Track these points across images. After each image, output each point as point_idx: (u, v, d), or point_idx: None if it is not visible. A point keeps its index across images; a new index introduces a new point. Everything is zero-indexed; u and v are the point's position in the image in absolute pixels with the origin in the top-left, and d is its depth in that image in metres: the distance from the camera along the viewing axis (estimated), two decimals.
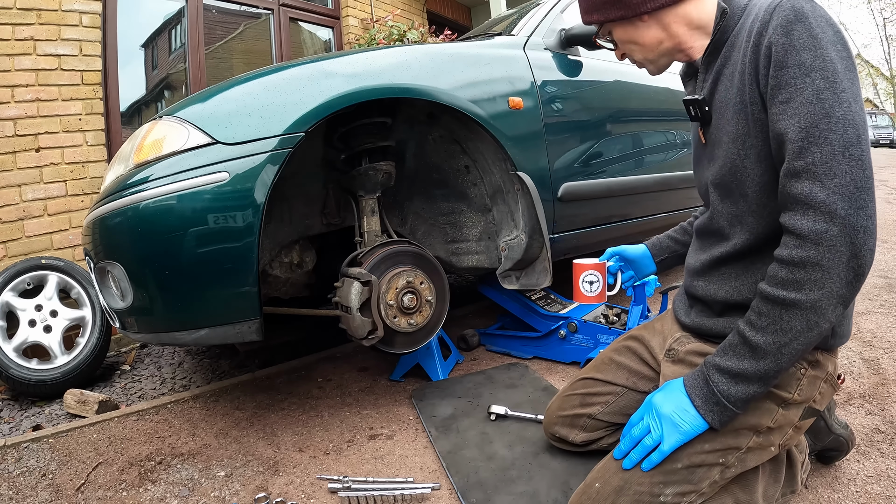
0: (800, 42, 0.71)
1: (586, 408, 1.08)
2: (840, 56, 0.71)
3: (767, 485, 0.85)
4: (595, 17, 0.96)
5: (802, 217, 0.69)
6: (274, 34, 3.96)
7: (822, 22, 0.72)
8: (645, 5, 0.90)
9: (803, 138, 0.69)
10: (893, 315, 1.89)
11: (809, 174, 0.68)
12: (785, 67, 0.72)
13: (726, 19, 0.86)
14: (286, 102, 1.24)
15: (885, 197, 4.84)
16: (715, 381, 0.76)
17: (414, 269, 1.43)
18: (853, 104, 0.69)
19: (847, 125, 0.68)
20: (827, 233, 0.66)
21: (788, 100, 0.71)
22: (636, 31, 0.93)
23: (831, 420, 1.04)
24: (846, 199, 0.66)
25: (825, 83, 0.69)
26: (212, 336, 1.22)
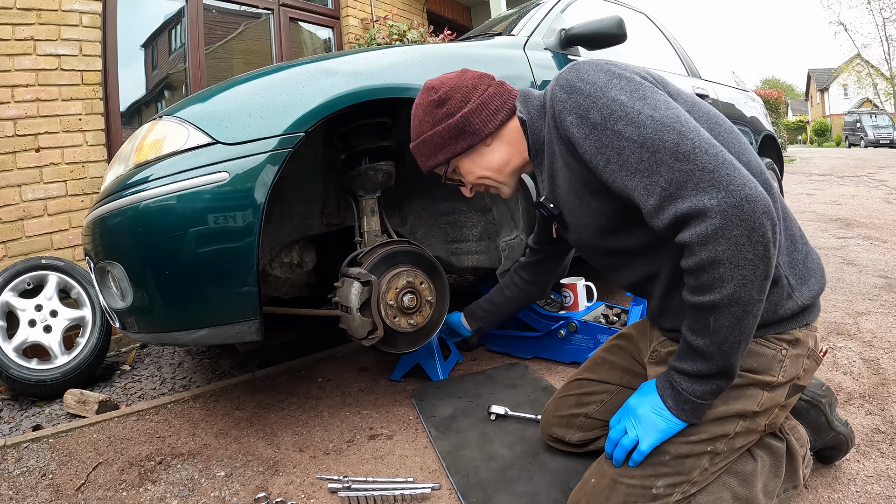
0: (581, 108, 0.77)
1: (582, 407, 1.09)
2: (621, 88, 0.75)
3: (768, 479, 0.85)
4: (440, 158, 0.98)
5: (685, 231, 0.69)
6: (274, 34, 3.96)
7: (591, 74, 0.78)
8: (487, 126, 0.95)
9: (641, 178, 0.72)
10: (893, 315, 1.89)
11: (668, 200, 0.70)
12: (587, 138, 0.77)
13: (527, 126, 0.93)
14: (286, 102, 1.24)
15: (884, 197, 4.85)
16: (679, 383, 0.79)
17: (414, 269, 1.43)
18: (654, 113, 0.72)
19: (661, 135, 0.70)
20: (708, 229, 0.66)
21: (608, 161, 0.75)
22: (483, 158, 0.97)
23: (832, 417, 1.04)
24: (709, 189, 0.66)
25: (623, 123, 0.73)
26: (212, 336, 1.22)
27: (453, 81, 0.97)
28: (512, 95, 0.98)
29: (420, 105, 1.00)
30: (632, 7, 2.71)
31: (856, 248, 2.92)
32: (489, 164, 0.98)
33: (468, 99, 0.95)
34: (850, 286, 2.24)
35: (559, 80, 0.81)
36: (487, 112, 0.95)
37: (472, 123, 0.95)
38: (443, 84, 0.98)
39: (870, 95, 26.92)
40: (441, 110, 0.96)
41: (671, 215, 0.69)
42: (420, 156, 1.01)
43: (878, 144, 19.30)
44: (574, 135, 0.78)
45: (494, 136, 0.96)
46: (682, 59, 2.86)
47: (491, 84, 0.99)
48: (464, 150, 0.96)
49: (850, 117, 22.24)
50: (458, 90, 0.96)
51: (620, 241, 0.87)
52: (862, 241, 3.08)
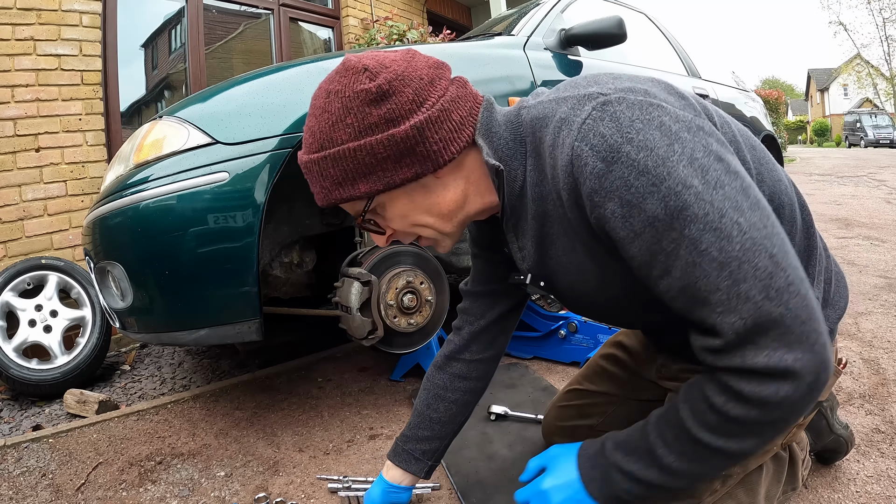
0: (633, 193, 0.53)
1: (585, 419, 1.06)
2: (690, 160, 0.53)
3: (770, 485, 0.85)
4: (362, 188, 0.63)
5: (749, 381, 0.52)
6: (274, 34, 3.96)
7: (643, 131, 0.53)
8: (448, 148, 0.63)
9: (711, 313, 0.53)
10: (893, 315, 1.89)
11: (739, 345, 0.52)
12: (637, 237, 0.54)
13: (504, 176, 0.67)
14: (286, 102, 1.24)
15: (884, 197, 4.85)
16: (616, 481, 0.64)
17: (414, 269, 1.43)
18: (740, 218, 0.51)
19: (751, 259, 0.51)
20: (779, 394, 0.51)
21: (667, 272, 0.54)
22: (429, 197, 0.66)
23: (833, 420, 1.04)
24: (794, 346, 0.50)
25: (698, 227, 0.51)
26: (212, 336, 1.22)
27: (399, 66, 0.63)
28: (477, 103, 0.68)
29: (337, 94, 0.62)
30: (632, 7, 2.71)
31: (856, 248, 2.92)
32: (436, 205, 0.67)
33: (423, 99, 0.62)
34: (850, 286, 2.23)
35: (589, 135, 0.55)
36: (450, 125, 0.64)
37: (428, 141, 0.62)
38: (382, 66, 0.62)
39: (870, 95, 26.93)
40: (378, 110, 0.61)
41: (738, 364, 0.52)
42: (321, 178, 0.65)
43: (878, 144, 19.30)
44: (616, 229, 0.55)
45: (454, 165, 0.66)
46: (682, 59, 2.86)
47: (451, 82, 0.67)
48: (404, 182, 0.63)
49: (850, 117, 22.25)
50: (409, 82, 0.62)
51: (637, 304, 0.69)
52: (862, 241, 3.08)
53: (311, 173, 0.66)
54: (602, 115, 0.55)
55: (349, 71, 0.63)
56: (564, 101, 0.60)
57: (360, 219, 0.69)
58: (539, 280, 0.71)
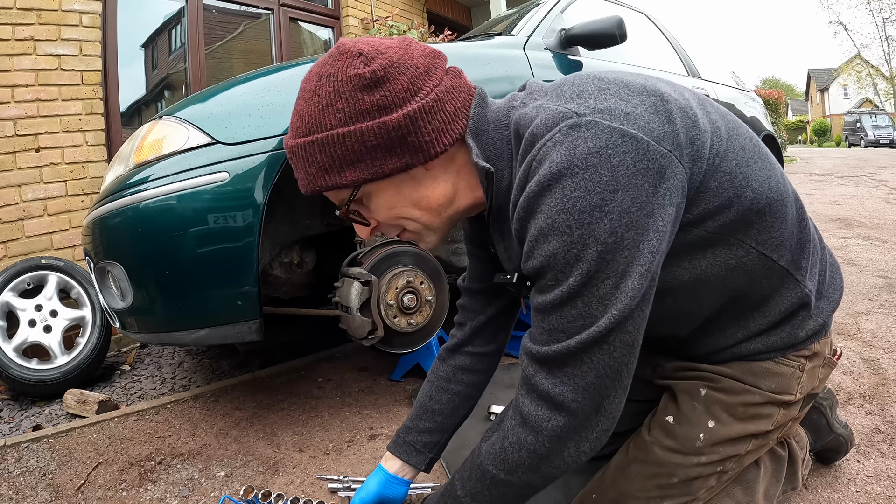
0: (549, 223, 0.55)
1: None
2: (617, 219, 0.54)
3: (769, 484, 0.85)
4: (349, 176, 0.62)
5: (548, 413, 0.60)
6: (274, 34, 3.96)
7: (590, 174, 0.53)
8: (441, 139, 0.62)
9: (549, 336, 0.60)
10: (893, 315, 1.89)
11: (540, 366, 0.61)
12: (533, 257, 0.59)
13: (495, 178, 0.66)
14: (286, 102, 1.24)
15: (884, 197, 4.85)
16: None
17: (414, 269, 1.43)
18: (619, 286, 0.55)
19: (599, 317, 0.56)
20: (567, 442, 0.60)
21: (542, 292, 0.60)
22: (418, 189, 0.65)
23: (832, 419, 1.04)
24: (588, 399, 0.58)
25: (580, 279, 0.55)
26: (212, 336, 1.22)
27: (395, 53, 0.61)
28: (470, 95, 0.67)
29: (329, 78, 0.61)
30: (632, 7, 2.71)
31: (856, 248, 2.92)
32: (424, 199, 0.66)
33: (418, 88, 0.61)
34: (850, 286, 2.24)
35: (544, 157, 0.56)
36: (444, 116, 0.62)
37: (421, 131, 0.61)
38: (377, 52, 0.61)
39: (870, 95, 26.93)
40: (371, 96, 0.59)
41: (531, 375, 0.61)
42: (307, 164, 0.63)
43: (878, 144, 19.31)
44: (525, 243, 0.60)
45: (444, 158, 0.65)
46: (682, 59, 2.86)
47: (446, 72, 0.65)
48: (393, 172, 0.62)
49: (850, 117, 22.25)
50: (404, 69, 0.61)
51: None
52: (862, 241, 3.08)
53: (296, 158, 0.65)
54: (563, 140, 0.55)
55: (343, 55, 0.61)
56: (544, 110, 0.60)
57: (344, 208, 0.67)
58: (526, 280, 0.71)
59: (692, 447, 0.76)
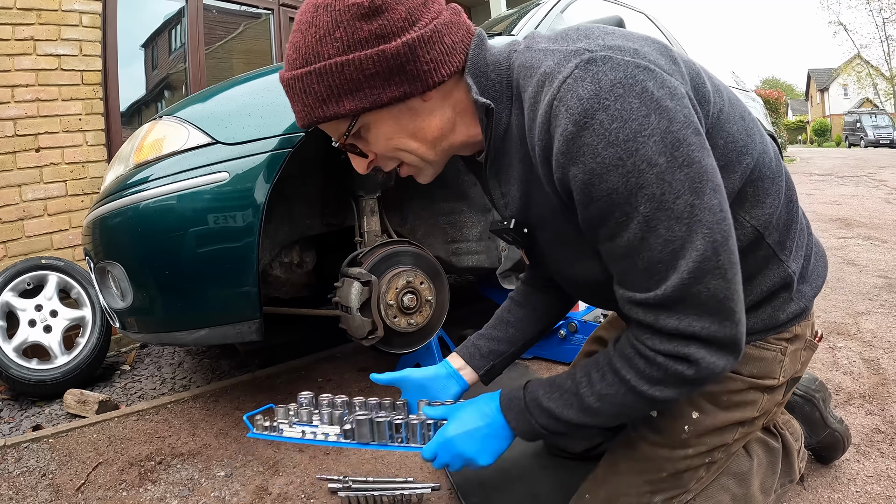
0: (598, 162, 0.54)
1: None
2: (663, 135, 0.53)
3: (765, 476, 0.85)
4: (347, 105, 0.62)
5: (684, 344, 0.59)
6: (274, 34, 3.96)
7: (622, 98, 0.53)
8: (439, 70, 0.62)
9: (648, 278, 0.58)
10: (893, 315, 1.89)
11: (666, 307, 0.58)
12: (593, 202, 0.57)
13: (494, 118, 0.66)
14: (286, 102, 1.22)
15: (884, 197, 4.85)
16: (535, 416, 0.72)
17: (414, 269, 1.43)
18: (695, 200, 0.55)
19: (694, 241, 0.55)
20: (716, 364, 0.59)
21: (612, 237, 0.58)
22: (415, 120, 0.65)
23: (826, 413, 1.04)
24: (717, 321, 0.58)
25: (652, 204, 0.54)
26: (212, 336, 1.22)
27: None
28: (470, 32, 0.67)
29: (326, 8, 0.60)
30: (632, 7, 2.71)
31: (856, 248, 2.92)
32: (421, 130, 0.66)
33: (416, 18, 0.60)
34: (850, 286, 2.24)
35: (566, 92, 0.55)
36: (442, 47, 0.62)
37: (420, 60, 0.60)
38: None
39: (870, 95, 26.93)
40: (369, 25, 0.59)
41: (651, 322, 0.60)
42: (304, 95, 0.63)
43: (878, 144, 19.30)
44: (575, 191, 0.58)
45: (440, 88, 0.64)
46: None
47: (445, 7, 0.66)
48: (392, 102, 0.62)
49: (850, 117, 22.25)
50: (402, 0, 0.60)
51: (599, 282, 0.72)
52: (862, 241, 3.08)
53: (293, 90, 0.64)
54: (584, 75, 0.55)
55: None
56: (552, 53, 0.60)
57: (342, 139, 0.67)
58: (522, 227, 0.71)
59: (678, 440, 0.76)
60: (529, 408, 0.73)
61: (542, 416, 0.71)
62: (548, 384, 0.73)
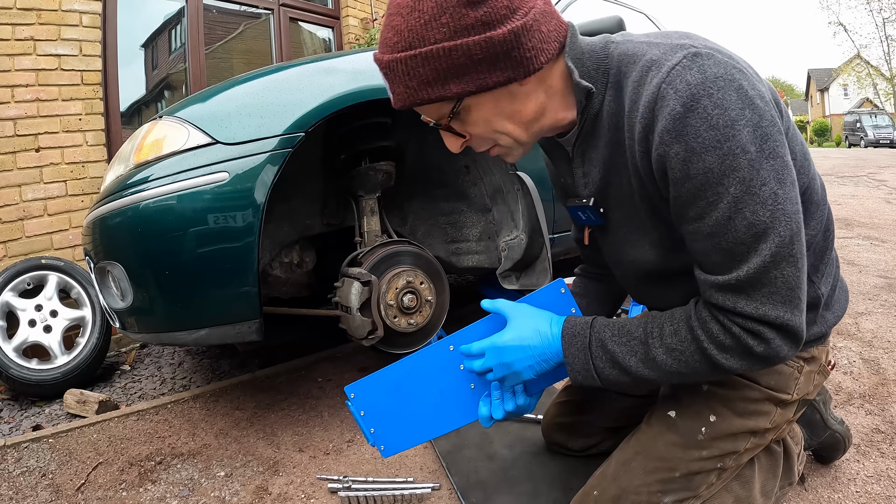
0: (699, 142, 0.59)
1: (582, 414, 1.07)
2: (754, 129, 0.59)
3: (766, 479, 0.85)
4: (454, 88, 0.65)
5: (759, 327, 0.62)
6: (274, 34, 3.96)
7: (723, 90, 0.59)
8: (539, 57, 0.65)
9: (730, 259, 0.62)
10: (893, 315, 1.89)
11: (744, 291, 0.62)
12: (688, 179, 0.61)
13: (593, 97, 0.70)
14: (286, 102, 1.24)
15: (884, 197, 4.84)
16: (595, 355, 0.72)
17: (414, 269, 1.43)
18: (778, 189, 0.59)
19: (774, 225, 0.59)
20: (782, 347, 0.63)
21: (701, 216, 0.62)
22: (514, 104, 0.69)
23: (827, 415, 1.04)
24: (789, 309, 0.61)
25: (741, 187, 0.59)
26: (212, 336, 1.22)
27: None
28: (561, 24, 0.70)
29: None
30: (632, 7, 2.71)
31: (856, 248, 2.92)
32: (518, 112, 0.69)
33: (516, 7, 0.63)
34: (850, 286, 2.24)
35: (675, 77, 0.60)
36: (541, 36, 0.66)
37: (523, 47, 0.64)
38: None
39: (870, 95, 26.92)
40: (475, 12, 0.62)
41: (730, 306, 0.63)
42: (409, 78, 0.65)
43: (878, 144, 19.29)
44: (673, 168, 0.61)
45: (538, 74, 0.68)
46: None
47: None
48: (496, 86, 0.65)
49: (850, 117, 22.24)
50: None
51: (662, 272, 0.76)
52: (862, 241, 3.08)
53: (394, 73, 0.66)
54: (691, 65, 0.60)
55: None
56: (657, 45, 0.65)
57: (445, 120, 0.70)
58: (599, 206, 0.75)
59: (694, 440, 0.78)
60: (592, 347, 0.72)
61: (603, 358, 0.71)
62: (617, 327, 0.72)
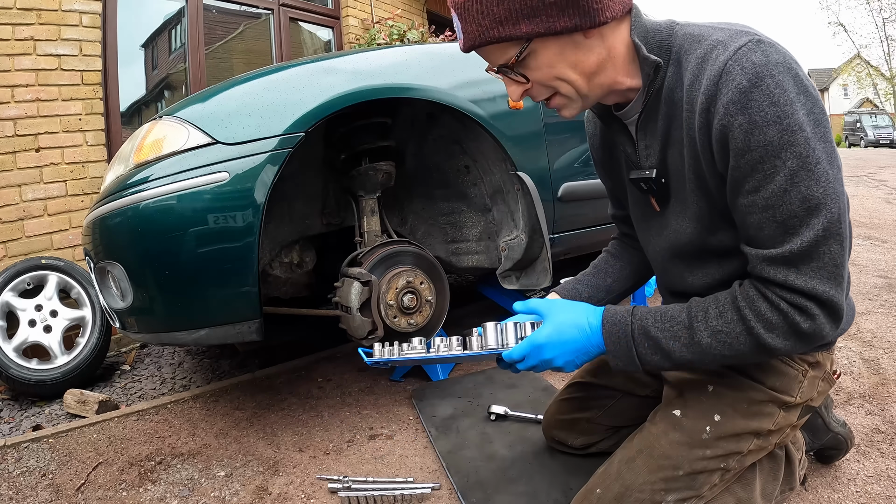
0: (762, 116, 0.62)
1: (584, 412, 1.07)
2: (809, 112, 0.62)
3: (766, 482, 0.85)
4: (524, 28, 0.68)
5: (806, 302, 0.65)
6: (274, 34, 3.96)
7: (783, 74, 0.62)
8: (606, 11, 0.68)
9: (783, 232, 0.64)
10: (893, 315, 1.89)
11: (795, 264, 0.64)
12: (749, 151, 0.63)
13: (658, 73, 0.73)
14: (286, 102, 1.24)
15: (884, 197, 4.84)
16: (638, 342, 0.73)
17: (414, 269, 1.43)
18: (830, 169, 0.63)
19: (826, 201, 0.62)
20: (825, 325, 0.66)
21: (757, 188, 0.64)
22: (577, 53, 0.71)
23: (829, 418, 1.04)
24: (834, 286, 0.64)
25: (798, 162, 0.62)
26: (212, 336, 1.22)
27: None
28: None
29: None
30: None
31: (856, 248, 2.92)
32: (580, 62, 0.71)
33: None
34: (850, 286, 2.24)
35: (741, 56, 0.63)
36: None
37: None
38: None
39: (870, 95, 26.90)
40: None
41: (781, 279, 0.65)
42: (481, 16, 0.68)
43: (878, 144, 19.27)
44: (735, 139, 0.64)
45: (601, 30, 0.70)
46: None
47: None
48: (564, 31, 0.67)
49: (850, 117, 22.22)
50: None
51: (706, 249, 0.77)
52: (862, 241, 3.08)
53: (468, 12, 0.69)
54: (756, 48, 0.64)
55: None
56: (721, 29, 0.69)
57: (512, 60, 0.71)
58: (661, 177, 0.77)
59: (698, 440, 0.78)
60: (635, 334, 0.74)
61: (646, 344, 0.73)
62: (659, 313, 0.74)
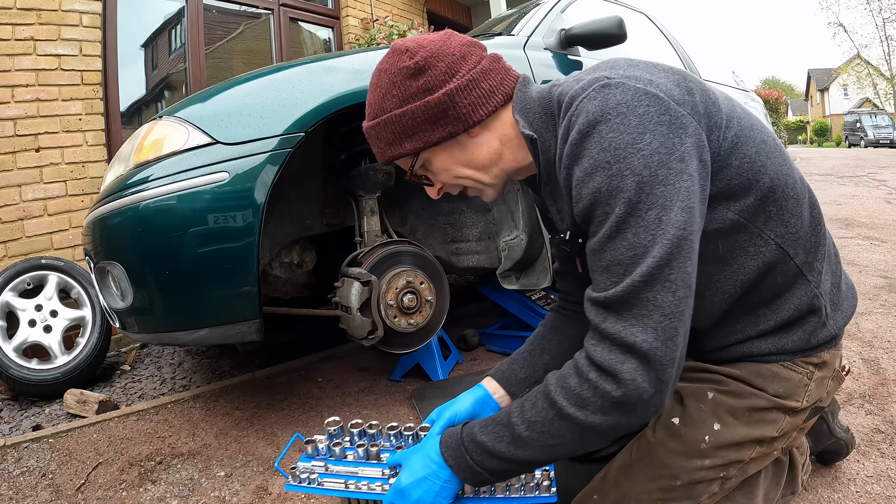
0: (591, 163, 0.63)
1: None
2: (652, 153, 0.61)
3: (769, 488, 0.85)
4: (407, 146, 0.76)
5: (621, 357, 0.61)
6: (274, 34, 3.96)
7: (621, 116, 0.62)
8: (477, 111, 0.74)
9: (607, 277, 0.63)
10: (893, 315, 1.89)
11: (614, 309, 0.62)
12: (580, 199, 0.65)
13: (538, 144, 0.75)
14: (286, 102, 1.24)
15: (884, 197, 4.84)
16: (470, 451, 0.71)
17: (414, 269, 1.43)
18: (664, 218, 0.60)
19: (653, 251, 0.60)
20: (642, 386, 0.60)
21: (593, 233, 0.65)
22: (466, 153, 0.77)
23: (833, 423, 1.04)
24: (659, 338, 0.60)
25: (625, 208, 0.61)
26: (212, 336, 1.22)
27: (435, 45, 0.75)
28: (510, 76, 0.79)
29: (385, 72, 0.76)
30: (632, 7, 2.71)
31: (856, 248, 2.92)
32: (472, 160, 0.78)
33: (455, 71, 0.74)
34: None
35: (581, 107, 0.65)
36: (479, 92, 0.75)
37: (458, 105, 0.73)
38: (420, 47, 0.75)
39: (870, 95, 26.91)
40: (416, 82, 0.73)
41: (599, 324, 0.63)
42: (378, 141, 0.78)
43: (878, 144, 19.28)
44: (574, 188, 0.66)
45: (483, 125, 0.76)
46: (682, 59, 2.86)
47: (484, 56, 0.78)
48: (441, 140, 0.75)
49: (850, 117, 22.23)
50: (442, 58, 0.74)
51: None
52: (862, 241, 3.08)
53: (370, 137, 0.80)
54: (595, 96, 0.65)
55: (395, 52, 0.77)
56: (580, 81, 0.70)
57: (408, 172, 0.81)
58: (577, 237, 0.77)
59: (697, 449, 0.76)
60: (465, 443, 0.72)
61: (477, 450, 0.71)
62: (489, 419, 0.73)
